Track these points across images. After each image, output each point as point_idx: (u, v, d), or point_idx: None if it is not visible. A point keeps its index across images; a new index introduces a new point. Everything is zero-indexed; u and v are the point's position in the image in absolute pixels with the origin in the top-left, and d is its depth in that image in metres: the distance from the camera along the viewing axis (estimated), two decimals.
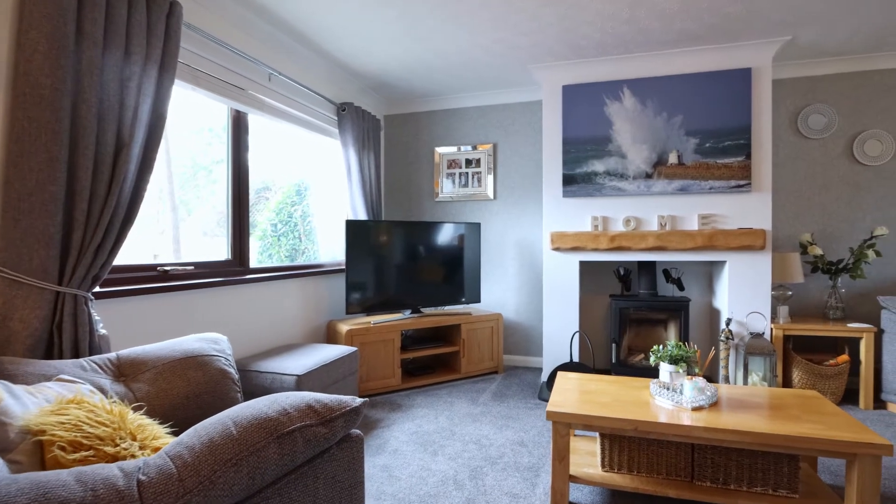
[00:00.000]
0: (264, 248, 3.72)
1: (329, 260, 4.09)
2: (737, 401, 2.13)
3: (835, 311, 3.47)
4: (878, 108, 3.56)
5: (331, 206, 4.15)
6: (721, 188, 3.38)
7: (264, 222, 3.74)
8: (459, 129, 4.48)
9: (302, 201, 4.08)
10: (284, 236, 3.92)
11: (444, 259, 4.03)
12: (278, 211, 3.93)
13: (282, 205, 3.97)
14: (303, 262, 3.89)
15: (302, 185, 4.06)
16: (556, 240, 3.66)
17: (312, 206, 4.10)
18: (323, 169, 4.08)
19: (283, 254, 3.87)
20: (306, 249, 4.08)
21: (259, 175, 3.57)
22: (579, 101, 3.63)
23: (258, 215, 3.67)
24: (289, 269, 3.52)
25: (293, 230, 4.00)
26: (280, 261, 3.76)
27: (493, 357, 4.06)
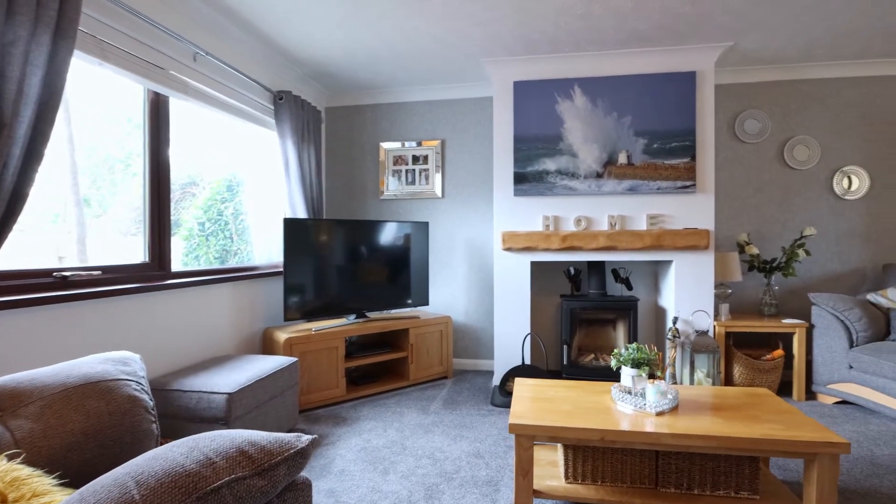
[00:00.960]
0: (190, 250, 3.34)
1: (265, 262, 3.76)
2: (695, 402, 2.10)
3: (769, 307, 3.62)
4: (805, 115, 3.76)
5: (267, 203, 3.82)
6: (668, 189, 3.42)
7: (190, 221, 3.37)
8: (406, 125, 4.28)
9: (234, 198, 3.72)
10: (214, 236, 3.55)
11: (391, 260, 3.82)
12: (207, 208, 3.55)
13: (211, 201, 3.59)
14: (235, 264, 3.54)
15: (234, 179, 3.70)
16: (508, 240, 3.56)
17: (246, 203, 3.75)
18: (258, 163, 3.74)
19: (212, 255, 3.50)
20: (239, 251, 3.73)
21: (184, 168, 3.19)
22: (531, 97, 3.56)
23: (183, 213, 3.29)
24: (219, 272, 3.17)
25: (224, 229, 3.63)
26: (209, 263, 3.40)
27: (442, 362, 3.90)
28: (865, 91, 3.70)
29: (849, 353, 3.12)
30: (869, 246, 3.73)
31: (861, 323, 3.11)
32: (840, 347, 3.17)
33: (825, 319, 3.26)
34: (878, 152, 3.70)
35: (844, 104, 3.73)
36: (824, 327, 3.26)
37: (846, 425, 2.91)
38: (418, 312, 4.07)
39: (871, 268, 3.74)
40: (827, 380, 3.26)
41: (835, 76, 3.71)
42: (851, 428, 2.86)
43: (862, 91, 3.70)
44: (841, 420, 2.98)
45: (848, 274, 3.76)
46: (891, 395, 2.90)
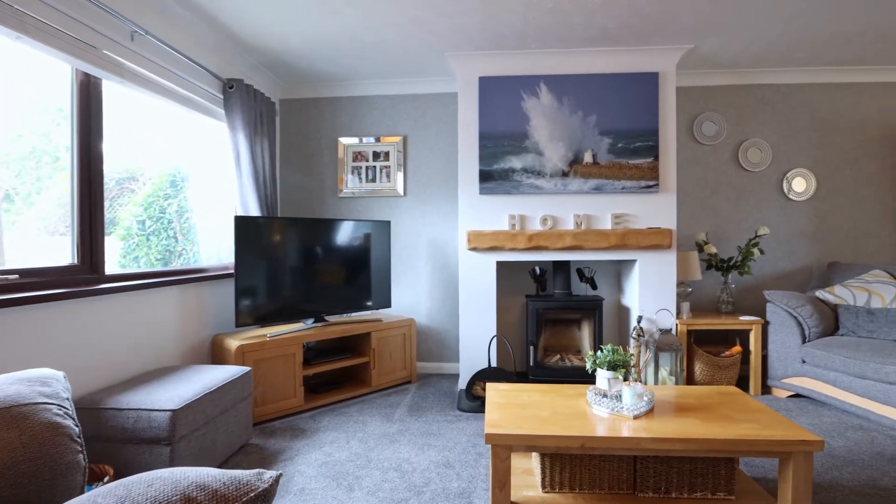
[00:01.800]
0: (128, 251, 3.04)
1: (214, 263, 3.49)
2: (669, 404, 2.07)
3: (726, 305, 3.71)
4: (758, 119, 3.89)
5: (216, 200, 3.54)
6: (632, 188, 3.43)
7: (129, 219, 3.07)
8: (367, 119, 4.11)
9: (178, 194, 3.43)
10: (155, 235, 3.26)
11: (351, 261, 3.64)
12: (147, 205, 3.26)
13: (152, 198, 3.30)
14: (180, 266, 3.26)
15: (178, 174, 3.41)
16: (473, 239, 3.46)
17: (192, 199, 3.47)
18: (206, 156, 3.47)
19: (153, 257, 3.21)
20: (184, 251, 3.44)
21: (122, 161, 2.90)
22: (496, 94, 3.48)
23: (121, 210, 2.99)
24: (161, 274, 2.89)
25: (167, 228, 3.34)
26: (150, 265, 3.11)
27: (405, 366, 3.75)
28: (812, 97, 3.86)
29: (801, 348, 3.23)
30: (815, 245, 3.90)
31: (813, 319, 3.22)
32: (793, 343, 3.28)
33: (779, 316, 3.36)
34: (823, 156, 3.88)
35: (793, 109, 3.88)
36: (778, 324, 3.37)
37: (801, 418, 3.00)
38: (380, 315, 3.90)
39: (817, 266, 3.91)
40: (781, 374, 3.36)
41: (785, 82, 3.85)
42: (806, 421, 2.95)
43: (809, 97, 3.87)
44: (796, 413, 3.07)
45: (797, 272, 3.92)
46: (841, 387, 3.02)
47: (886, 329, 3.06)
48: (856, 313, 3.22)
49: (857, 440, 2.67)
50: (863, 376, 2.89)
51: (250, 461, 2.44)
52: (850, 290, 3.37)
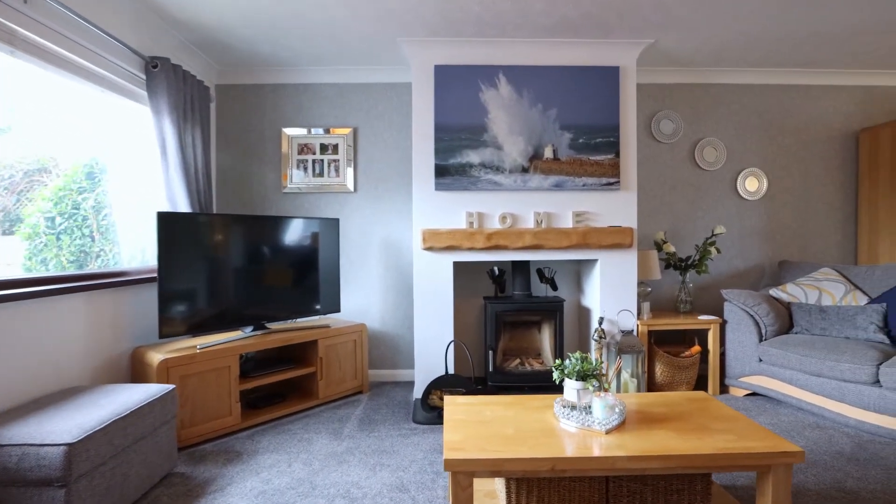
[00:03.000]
0: (35, 251, 2.63)
1: (138, 266, 3.09)
2: (640, 414, 1.93)
3: (684, 304, 3.68)
4: (713, 118, 3.89)
5: (141, 195, 3.14)
6: (593, 185, 3.32)
7: (36, 216, 2.65)
8: (314, 109, 3.80)
9: (96, 188, 3.02)
10: (67, 234, 2.85)
11: (296, 262, 3.34)
12: (58, 200, 2.84)
13: (64, 192, 2.89)
14: (97, 268, 2.85)
15: (96, 165, 3.00)
16: (429, 238, 3.24)
17: (112, 194, 3.06)
18: (128, 145, 3.06)
19: (65, 259, 2.80)
20: (102, 252, 3.03)
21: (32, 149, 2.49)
22: (453, 84, 3.28)
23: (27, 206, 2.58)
24: (72, 278, 2.49)
25: (81, 226, 2.93)
26: (61, 268, 2.69)
27: (356, 375, 3.48)
28: (763, 98, 3.91)
29: (758, 346, 3.22)
30: (767, 244, 3.95)
31: (769, 318, 3.22)
32: (750, 341, 3.27)
33: (737, 315, 3.35)
34: (773, 156, 3.93)
35: (746, 110, 3.91)
36: (736, 322, 3.35)
37: (760, 418, 2.97)
38: (328, 320, 3.61)
39: (769, 264, 3.96)
40: (739, 373, 3.35)
41: (738, 82, 3.87)
42: (765, 420, 2.93)
43: (760, 98, 3.91)
44: (755, 412, 3.05)
45: (750, 270, 3.96)
46: (796, 385, 3.02)
47: (838, 326, 3.10)
48: (809, 311, 3.24)
49: (816, 439, 2.65)
50: (818, 374, 2.89)
51: (173, 494, 2.11)
52: (802, 288, 3.41)
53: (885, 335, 2.96)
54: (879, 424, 2.66)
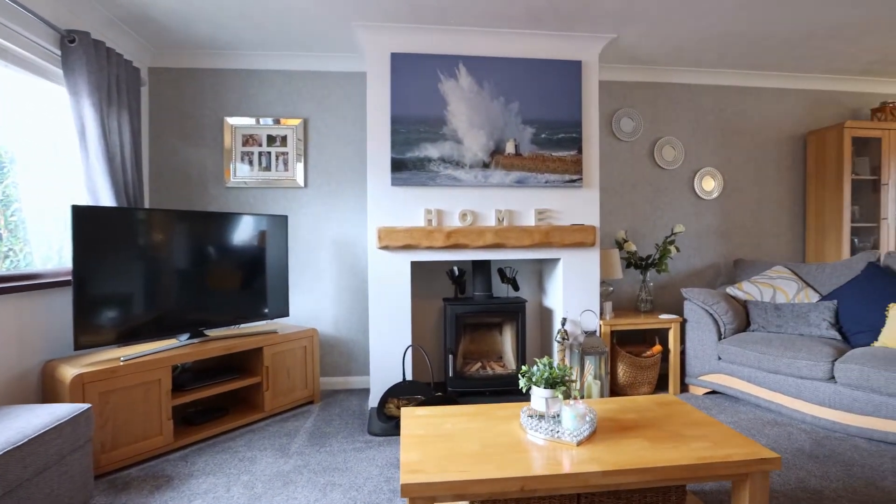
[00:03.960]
0: None
1: (55, 267, 2.72)
2: (610, 421, 1.82)
3: (645, 303, 3.65)
4: (671, 117, 3.90)
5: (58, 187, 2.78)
6: (556, 182, 3.22)
7: None
8: (260, 98, 3.52)
9: (3, 179, 2.65)
10: None
11: (240, 262, 3.06)
12: None
13: None
14: (5, 270, 2.48)
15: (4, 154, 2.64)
16: (385, 237, 3.05)
17: (22, 186, 2.70)
18: (42, 131, 2.70)
19: None
20: (12, 252, 2.65)
21: None
22: (411, 73, 3.09)
23: None
24: None
25: None
26: None
27: (307, 384, 3.23)
28: (719, 99, 3.95)
29: (718, 345, 3.22)
30: (722, 242, 4.00)
31: (728, 316, 3.23)
32: (710, 340, 3.26)
33: (696, 313, 3.34)
34: (729, 157, 3.98)
35: (703, 110, 3.94)
36: (696, 321, 3.35)
37: (720, 416, 2.96)
38: (276, 326, 3.34)
39: (724, 263, 4.01)
40: (699, 372, 3.34)
41: (696, 83, 3.90)
42: (726, 419, 2.91)
43: (716, 99, 3.95)
44: (715, 411, 3.04)
45: (706, 268, 3.99)
46: (755, 383, 3.03)
47: (793, 323, 3.13)
48: (764, 309, 3.27)
49: (776, 437, 2.65)
50: (776, 371, 2.90)
51: None
52: (757, 286, 3.45)
53: (836, 331, 3.02)
54: (834, 420, 2.69)
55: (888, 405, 2.50)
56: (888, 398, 2.50)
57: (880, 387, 2.51)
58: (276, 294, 3.22)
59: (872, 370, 2.53)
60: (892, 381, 2.47)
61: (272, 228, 3.20)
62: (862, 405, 2.59)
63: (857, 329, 2.96)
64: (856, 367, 2.59)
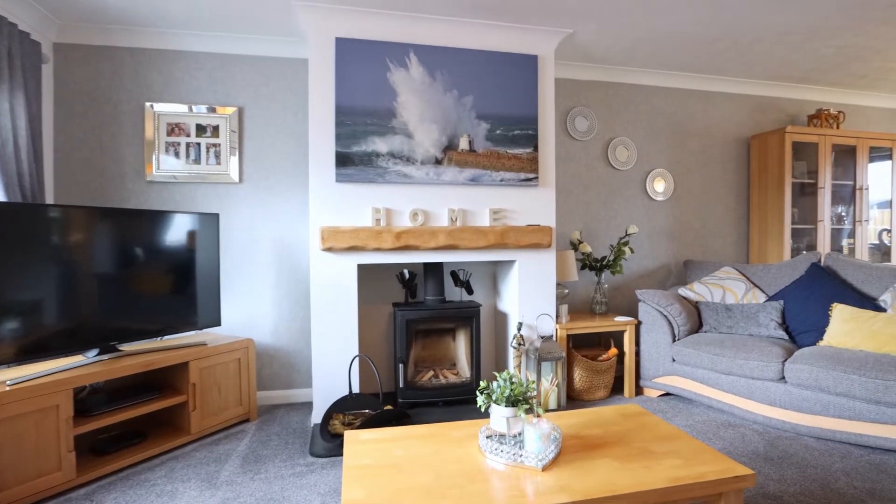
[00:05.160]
0: None
1: None
2: (575, 438, 1.67)
3: (600, 305, 3.59)
4: (624, 118, 3.87)
5: None
6: (511, 181, 3.08)
7: None
8: (187, 82, 3.16)
9: None
10: None
11: (163, 267, 2.71)
12: None
13: None
14: None
15: None
16: (329, 237, 2.80)
17: None
18: None
19: None
20: None
21: None
22: (357, 61, 2.86)
23: None
24: None
25: None
26: None
27: (242, 400, 2.92)
28: (670, 101, 3.97)
29: (672, 346, 3.19)
30: (672, 243, 4.02)
31: (682, 317, 3.21)
32: (664, 342, 3.23)
33: (651, 315, 3.31)
34: (679, 159, 4.01)
35: (654, 111, 3.94)
36: (650, 323, 3.31)
37: (676, 420, 2.92)
38: (206, 337, 3.00)
39: (674, 263, 4.03)
40: (653, 374, 3.31)
41: (648, 84, 3.89)
42: (681, 422, 2.88)
43: (667, 101, 3.97)
44: (671, 414, 3.00)
45: (658, 269, 4.00)
46: (708, 384, 3.02)
47: (743, 324, 3.16)
48: (716, 310, 3.29)
49: (732, 440, 2.62)
50: (729, 372, 2.90)
51: None
52: (708, 286, 3.46)
53: (784, 331, 3.06)
54: (784, 419, 2.70)
55: (836, 404, 2.53)
56: (836, 397, 2.53)
57: (828, 386, 2.53)
58: (206, 301, 2.89)
59: (821, 370, 2.55)
60: (839, 380, 2.50)
61: (202, 228, 2.87)
62: (811, 405, 2.61)
63: (803, 329, 3.01)
64: (805, 367, 2.61)
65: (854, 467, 2.31)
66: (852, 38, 3.27)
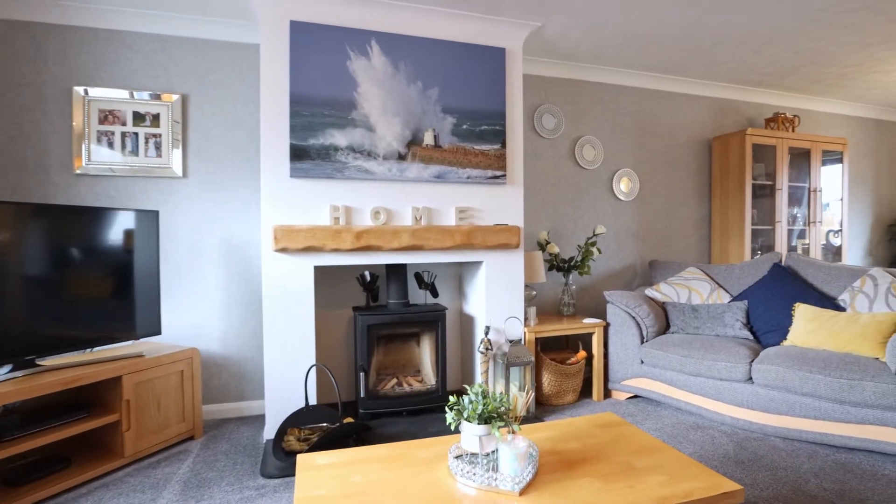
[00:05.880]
0: None
1: None
2: (552, 455, 1.55)
3: (567, 307, 3.52)
4: (591, 116, 3.82)
5: None
6: (478, 178, 2.95)
7: None
8: (123, 65, 2.86)
9: None
10: None
11: (94, 270, 2.42)
12: None
13: None
14: None
15: None
16: (283, 237, 2.58)
17: None
18: None
19: None
20: None
21: None
22: (314, 47, 2.65)
23: None
24: None
25: None
26: None
27: (185, 416, 2.65)
28: (636, 101, 3.95)
29: (640, 348, 3.15)
30: (638, 243, 4.00)
31: (650, 318, 3.17)
32: (633, 344, 3.19)
33: (619, 317, 3.26)
34: (644, 159, 4.00)
35: (620, 111, 3.91)
36: (619, 325, 3.26)
37: (646, 423, 2.87)
38: (146, 347, 2.71)
39: (640, 264, 4.02)
40: (622, 376, 3.25)
41: (615, 83, 3.86)
42: (651, 426, 2.82)
43: (633, 101, 3.95)
44: (640, 418, 2.95)
45: (624, 270, 3.97)
46: (676, 386, 2.99)
47: (709, 325, 3.14)
48: (682, 310, 3.27)
49: (702, 442, 2.58)
50: (697, 374, 2.87)
51: None
52: (674, 287, 3.45)
53: (749, 331, 3.07)
54: (751, 420, 2.69)
55: (802, 404, 2.53)
56: (802, 397, 2.53)
57: (795, 387, 2.53)
58: (144, 308, 2.61)
59: (788, 370, 2.55)
60: (806, 380, 2.49)
61: (140, 227, 2.59)
62: (777, 405, 2.60)
63: (767, 328, 3.02)
64: (772, 367, 2.61)
65: (822, 468, 2.30)
66: (810, 42, 3.33)
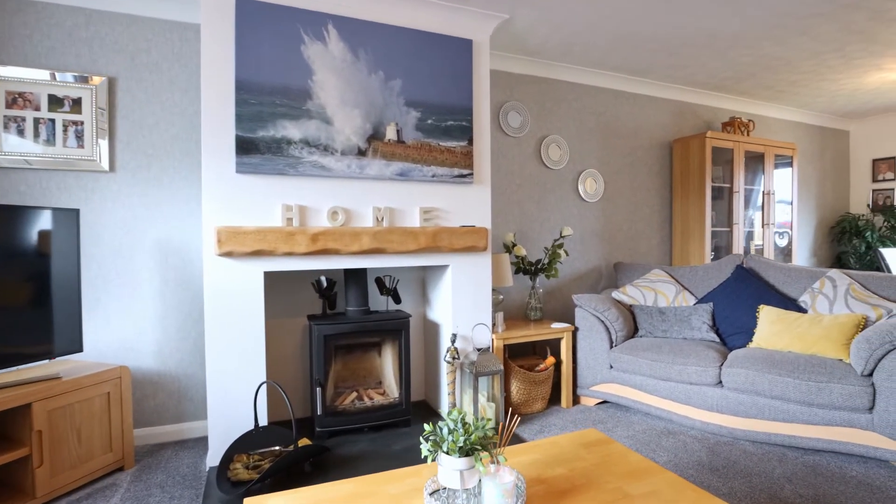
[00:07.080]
0: None
1: None
2: (538, 483, 1.39)
3: (535, 311, 3.40)
4: (557, 115, 3.73)
5: None
6: (444, 177, 2.78)
7: None
8: (37, 41, 2.48)
9: None
10: None
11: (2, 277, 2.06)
12: None
13: None
14: None
15: None
16: (228, 240, 2.30)
17: None
18: None
19: None
20: None
21: None
22: (264, 28, 2.39)
23: None
24: None
25: None
26: None
27: (112, 445, 2.32)
28: (601, 101, 3.90)
29: (609, 353, 3.07)
30: (603, 245, 3.95)
31: (619, 322, 3.10)
32: (602, 348, 3.10)
33: (588, 321, 3.17)
34: (608, 160, 3.95)
35: (585, 110, 3.85)
36: (588, 329, 3.17)
37: (617, 430, 2.79)
38: (63, 366, 2.35)
39: (605, 266, 3.97)
40: (591, 382, 3.17)
41: (581, 82, 3.79)
42: (622, 433, 2.74)
43: (598, 100, 3.89)
44: (611, 425, 2.86)
45: (590, 272, 3.91)
46: (646, 391, 2.92)
47: (677, 328, 3.11)
48: (650, 314, 3.22)
49: (675, 450, 2.52)
50: (667, 378, 2.82)
51: None
52: (640, 289, 3.40)
53: (715, 334, 3.05)
54: (721, 424, 2.66)
55: (770, 407, 2.51)
56: (771, 400, 2.51)
57: (764, 390, 2.51)
58: (62, 322, 2.25)
59: (757, 374, 2.53)
60: (775, 383, 2.48)
61: (57, 228, 2.24)
62: (747, 408, 2.58)
63: (733, 331, 3.02)
64: (742, 370, 2.58)
65: (793, 472, 2.28)
66: (770, 47, 3.37)
